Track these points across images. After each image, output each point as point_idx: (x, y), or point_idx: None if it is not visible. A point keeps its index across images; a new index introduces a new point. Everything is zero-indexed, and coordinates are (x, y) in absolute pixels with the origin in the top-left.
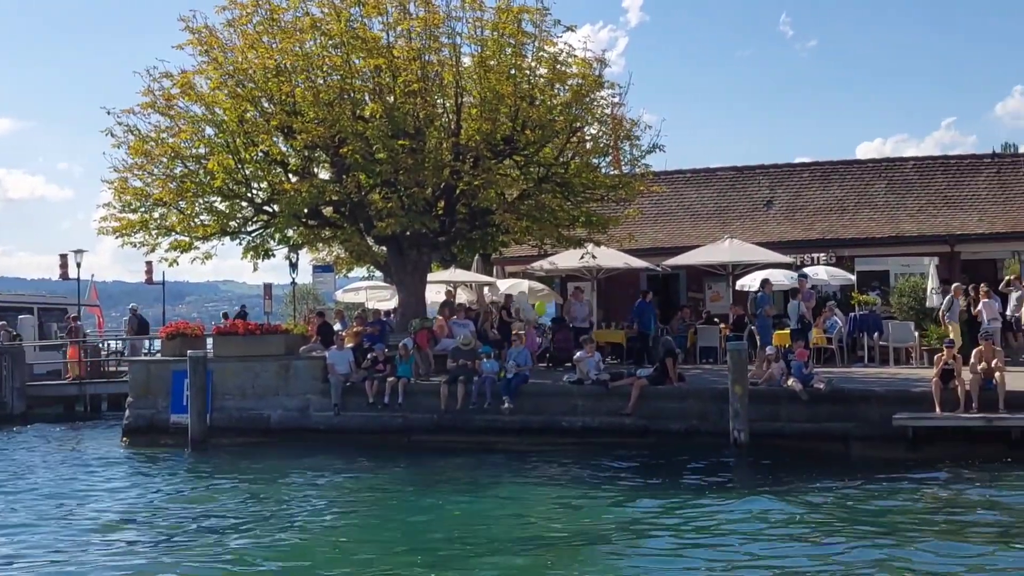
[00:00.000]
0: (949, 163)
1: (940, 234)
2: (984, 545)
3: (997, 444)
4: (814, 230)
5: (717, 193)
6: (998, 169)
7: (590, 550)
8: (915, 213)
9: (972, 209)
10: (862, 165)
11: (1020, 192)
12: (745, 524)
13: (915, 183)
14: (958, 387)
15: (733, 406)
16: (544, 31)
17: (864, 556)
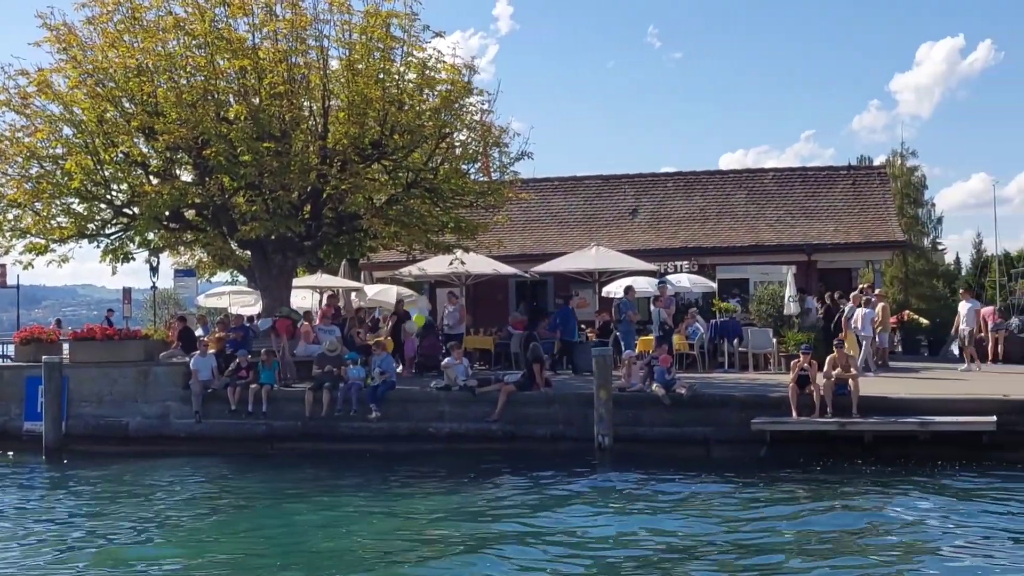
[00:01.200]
0: (807, 174)
1: (798, 243)
2: (831, 546)
3: (851, 447)
4: (677, 238)
5: (584, 201)
6: (853, 181)
7: (453, 557)
8: (774, 223)
9: (828, 219)
10: (724, 175)
11: (874, 203)
12: (605, 527)
13: (774, 193)
14: (814, 392)
15: (598, 411)
16: (413, 36)
17: (718, 557)
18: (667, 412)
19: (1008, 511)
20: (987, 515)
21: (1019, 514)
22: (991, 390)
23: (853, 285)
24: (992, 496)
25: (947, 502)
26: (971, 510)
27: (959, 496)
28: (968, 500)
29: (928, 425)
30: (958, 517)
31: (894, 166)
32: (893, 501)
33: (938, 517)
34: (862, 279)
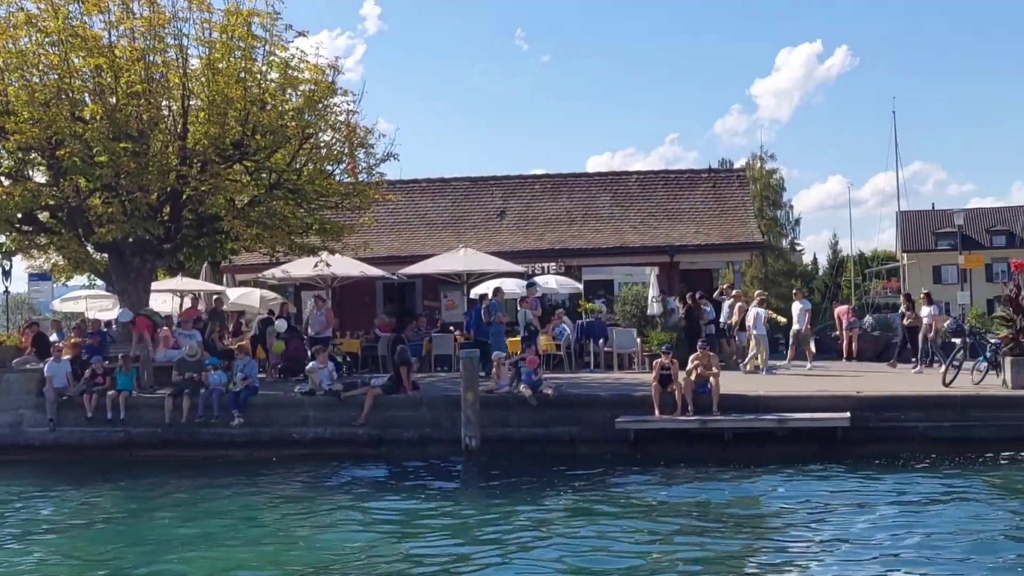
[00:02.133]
0: (669, 177)
1: (660, 245)
2: (687, 534)
3: (712, 444)
4: (544, 240)
5: (452, 203)
6: (714, 184)
7: (315, 565)
8: (638, 225)
9: (690, 221)
10: (589, 178)
11: (734, 206)
12: (474, 529)
13: (638, 196)
14: (676, 391)
15: (465, 413)
16: (275, 35)
17: (575, 548)
18: (534, 413)
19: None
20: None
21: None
22: (845, 387)
23: (714, 286)
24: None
25: (802, 491)
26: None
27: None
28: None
29: (785, 422)
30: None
31: (754, 169)
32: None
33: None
34: (722, 280)
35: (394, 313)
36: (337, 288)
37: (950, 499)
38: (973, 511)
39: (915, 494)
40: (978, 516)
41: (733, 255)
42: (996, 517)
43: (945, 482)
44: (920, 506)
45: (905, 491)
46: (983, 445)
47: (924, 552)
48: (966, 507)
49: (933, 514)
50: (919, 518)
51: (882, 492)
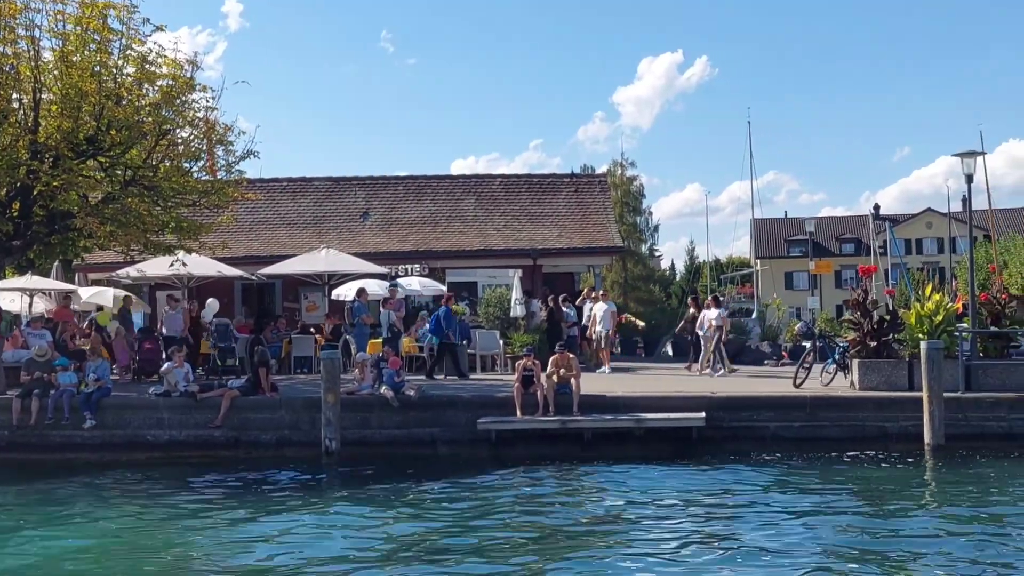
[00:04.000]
0: (533, 181)
1: (524, 248)
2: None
3: (572, 444)
4: (408, 242)
5: (314, 203)
6: (576, 189)
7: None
8: (502, 228)
9: (553, 225)
10: (454, 180)
11: (595, 211)
12: (333, 530)
13: (502, 199)
14: (537, 392)
15: (325, 415)
16: (132, 29)
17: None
18: (395, 414)
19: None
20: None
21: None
22: (700, 388)
23: (576, 289)
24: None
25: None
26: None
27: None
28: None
29: (643, 422)
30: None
31: (615, 175)
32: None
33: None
34: (584, 283)
35: (252, 314)
36: (193, 288)
37: (793, 496)
38: (814, 508)
39: (758, 489)
40: (819, 512)
41: (594, 259)
42: (838, 510)
43: (788, 479)
44: (762, 501)
45: (751, 486)
46: (831, 444)
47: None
48: (807, 502)
49: (775, 510)
50: (761, 512)
51: (729, 486)
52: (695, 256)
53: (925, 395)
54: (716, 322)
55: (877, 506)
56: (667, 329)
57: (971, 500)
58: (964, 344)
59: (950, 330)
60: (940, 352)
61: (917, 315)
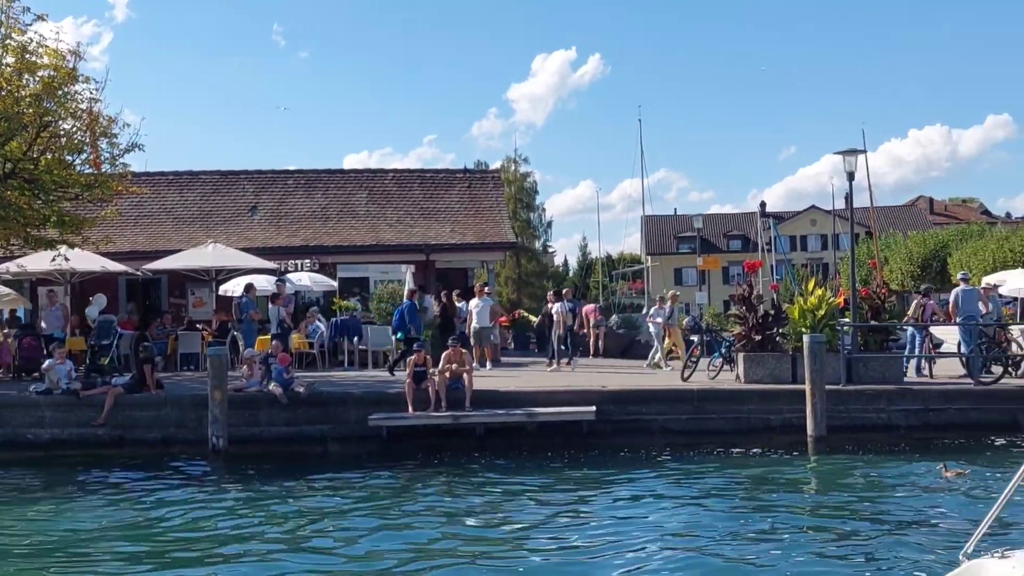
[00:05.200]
0: (426, 176)
1: (417, 243)
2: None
3: (464, 440)
4: (298, 236)
5: (201, 197)
6: (470, 184)
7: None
8: (394, 223)
9: (446, 220)
10: (345, 175)
11: (489, 206)
12: (211, 531)
13: (395, 194)
14: (430, 388)
15: (212, 412)
16: (12, 18)
17: (323, 544)
18: (284, 411)
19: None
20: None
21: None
22: (591, 382)
23: (469, 284)
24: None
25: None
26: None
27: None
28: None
29: (534, 416)
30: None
31: (508, 172)
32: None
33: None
34: (477, 279)
35: (137, 310)
36: (76, 284)
37: (676, 488)
38: (697, 499)
39: (643, 482)
40: (699, 502)
41: (487, 254)
42: (721, 500)
43: (672, 471)
44: (641, 496)
45: (636, 479)
46: (717, 436)
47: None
48: (691, 493)
49: (652, 503)
50: (640, 506)
51: (615, 479)
52: (588, 252)
53: (808, 388)
54: (556, 316)
55: (759, 496)
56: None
57: (849, 490)
58: (845, 338)
59: (832, 324)
60: (822, 346)
61: (800, 309)
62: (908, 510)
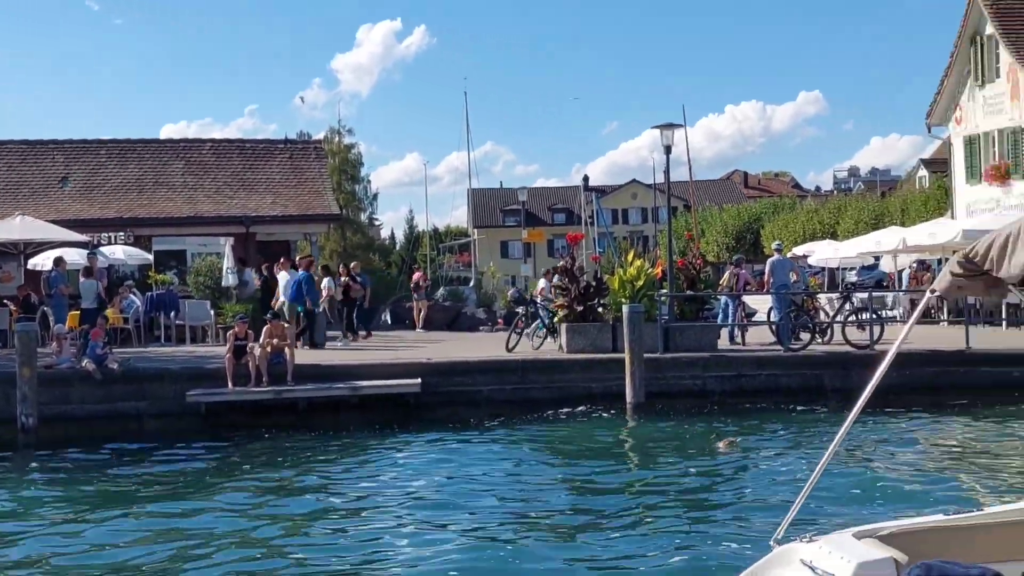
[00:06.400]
0: (246, 147)
1: (236, 215)
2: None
3: (287, 415)
4: (111, 208)
5: (7, 167)
6: (291, 155)
7: None
8: (212, 194)
9: (267, 192)
10: (161, 144)
11: (311, 177)
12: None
13: (213, 165)
14: (250, 362)
15: (21, 390)
16: None
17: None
18: (98, 388)
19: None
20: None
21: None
22: (416, 355)
23: (292, 257)
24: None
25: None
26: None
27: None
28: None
29: (358, 390)
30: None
31: (332, 143)
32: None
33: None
34: (300, 251)
35: None
36: None
37: (500, 456)
38: (517, 463)
39: (469, 452)
40: (520, 464)
41: (310, 227)
42: (538, 469)
43: (498, 441)
44: (470, 464)
45: (462, 449)
46: (541, 405)
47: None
48: (514, 461)
49: (481, 472)
50: (470, 474)
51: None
52: (414, 225)
53: (627, 356)
54: (327, 292)
55: (580, 462)
56: (384, 298)
57: (663, 462)
58: (663, 307)
59: (650, 294)
60: (641, 315)
61: (620, 280)
62: (720, 492)
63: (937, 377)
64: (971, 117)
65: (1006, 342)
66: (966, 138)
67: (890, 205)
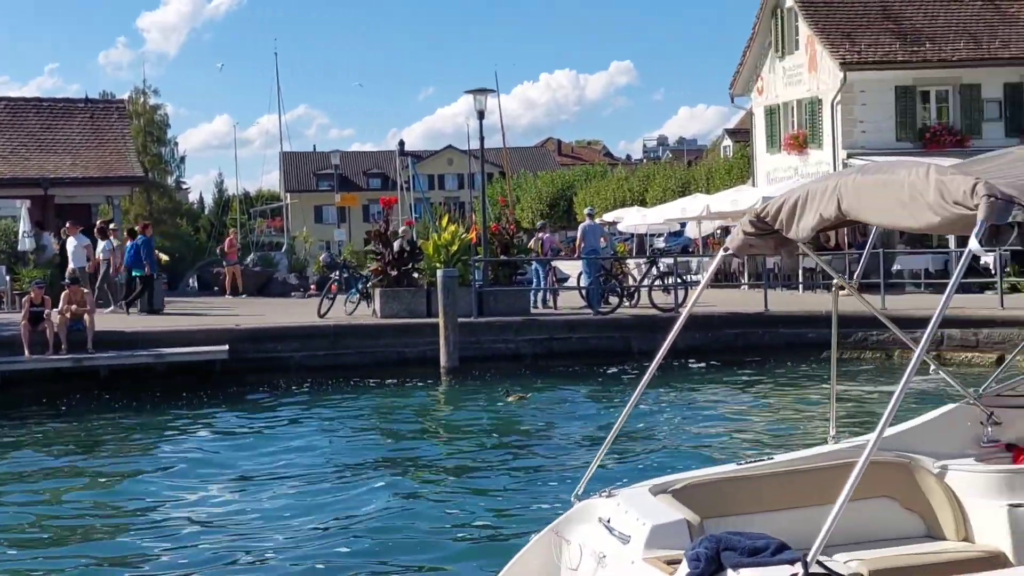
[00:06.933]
0: (43, 106)
1: (33, 176)
2: None
3: (88, 383)
4: None
5: None
6: (92, 115)
7: None
8: (7, 155)
9: (66, 153)
10: None
11: (113, 138)
12: None
13: (7, 124)
14: (47, 329)
15: None
16: None
17: None
18: None
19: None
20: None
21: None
22: (223, 322)
23: (92, 221)
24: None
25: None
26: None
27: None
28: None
29: (162, 357)
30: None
31: (137, 104)
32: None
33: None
34: (102, 215)
35: None
36: None
37: (311, 423)
38: (330, 433)
39: (277, 419)
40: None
41: (112, 189)
42: (346, 435)
43: (308, 407)
44: (281, 432)
45: (271, 416)
46: (354, 371)
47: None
48: (324, 427)
49: (291, 438)
50: (282, 442)
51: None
52: (224, 189)
53: (441, 321)
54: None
55: (390, 427)
56: (192, 263)
57: (473, 424)
58: (477, 272)
59: (465, 259)
60: (455, 280)
61: (435, 245)
62: (527, 452)
63: (737, 338)
64: (771, 88)
65: (802, 304)
66: (767, 108)
67: (696, 173)
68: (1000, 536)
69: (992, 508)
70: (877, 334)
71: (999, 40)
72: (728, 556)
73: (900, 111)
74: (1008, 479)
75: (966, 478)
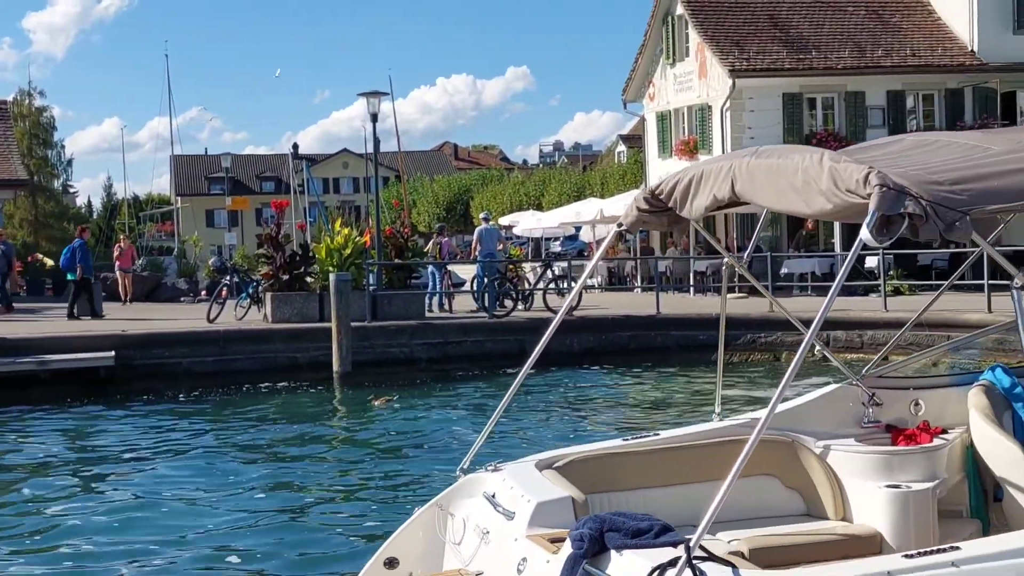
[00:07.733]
0: None
1: None
2: None
3: None
4: None
5: None
6: None
7: None
8: None
9: None
10: None
11: None
12: None
13: None
14: None
15: None
16: None
17: None
18: None
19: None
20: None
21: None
22: (110, 328)
23: None
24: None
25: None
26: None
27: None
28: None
29: (46, 364)
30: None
31: (22, 105)
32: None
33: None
34: None
35: None
36: None
37: (199, 431)
38: (221, 441)
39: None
40: (225, 444)
41: None
42: (233, 442)
43: (195, 415)
44: (166, 440)
45: (155, 425)
46: (244, 376)
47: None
48: (214, 435)
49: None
50: (169, 450)
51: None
52: (113, 193)
53: (334, 325)
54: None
55: (284, 432)
56: None
57: (372, 420)
58: (371, 276)
59: (358, 263)
60: (348, 284)
61: (328, 249)
62: (416, 437)
63: (630, 341)
64: (663, 94)
65: (693, 307)
66: (658, 114)
67: (591, 178)
68: (877, 516)
69: (870, 488)
70: (765, 336)
71: (882, 49)
72: (611, 537)
73: (787, 117)
74: (886, 460)
75: (846, 458)
